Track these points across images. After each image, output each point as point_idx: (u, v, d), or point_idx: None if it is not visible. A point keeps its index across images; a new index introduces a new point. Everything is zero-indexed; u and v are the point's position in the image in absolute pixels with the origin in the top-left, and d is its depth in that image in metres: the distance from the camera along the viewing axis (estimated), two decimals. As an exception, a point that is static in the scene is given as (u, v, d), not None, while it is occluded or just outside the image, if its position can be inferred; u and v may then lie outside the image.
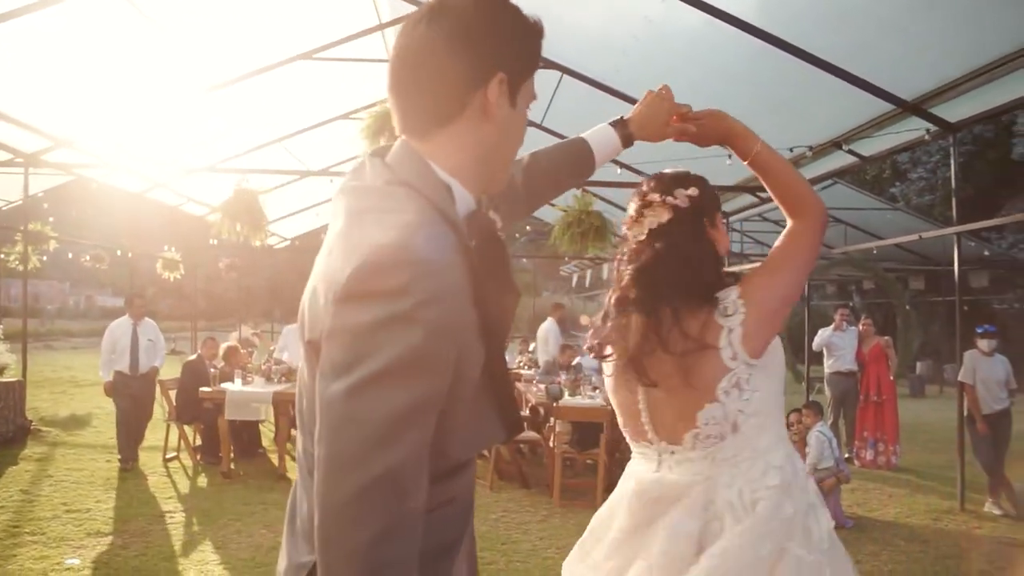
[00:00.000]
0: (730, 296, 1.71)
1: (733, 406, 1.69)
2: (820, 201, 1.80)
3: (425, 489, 1.10)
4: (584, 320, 8.25)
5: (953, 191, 7.92)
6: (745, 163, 1.83)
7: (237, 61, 7.64)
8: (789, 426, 6.87)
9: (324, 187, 12.12)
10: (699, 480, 1.70)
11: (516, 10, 1.25)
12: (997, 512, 6.96)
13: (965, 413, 7.14)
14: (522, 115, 1.27)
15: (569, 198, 10.32)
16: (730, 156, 7.17)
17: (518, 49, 1.23)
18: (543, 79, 8.40)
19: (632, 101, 8.19)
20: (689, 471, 1.72)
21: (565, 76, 8.37)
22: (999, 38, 5.36)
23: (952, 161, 7.08)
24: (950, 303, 17.06)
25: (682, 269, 1.73)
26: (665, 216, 1.80)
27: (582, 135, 1.79)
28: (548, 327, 11.18)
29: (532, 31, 1.25)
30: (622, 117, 1.81)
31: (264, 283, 33.19)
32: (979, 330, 7.43)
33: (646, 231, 1.80)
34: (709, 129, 1.86)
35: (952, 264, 7.41)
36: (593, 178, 9.88)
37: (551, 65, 8.24)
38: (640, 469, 1.81)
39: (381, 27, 7.97)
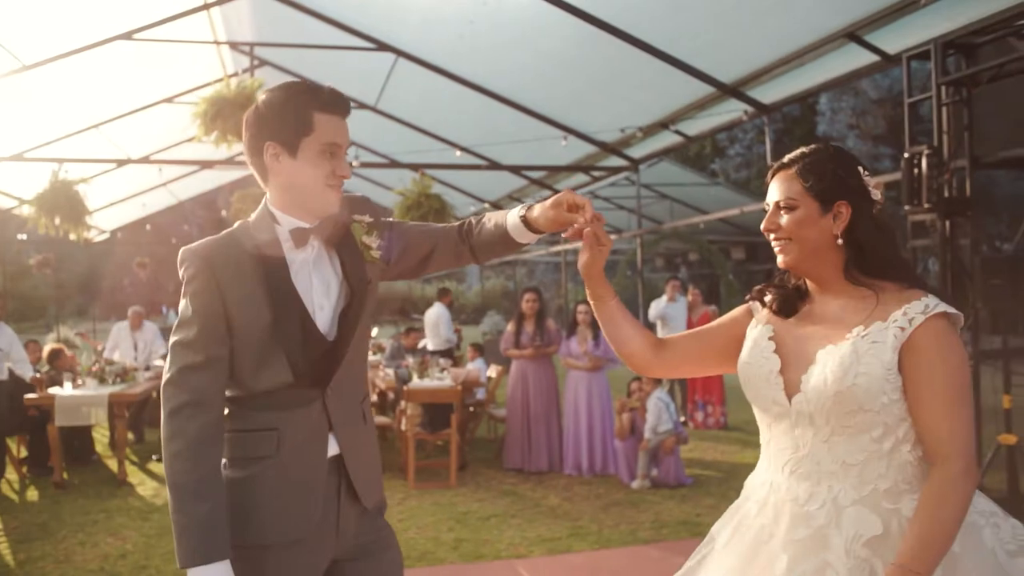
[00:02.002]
0: None
1: None
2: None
3: (204, 390, 1.75)
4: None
5: (769, 167, 8.56)
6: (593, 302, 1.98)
7: (49, 40, 7.08)
8: (630, 393, 7.23)
9: (149, 175, 11.48)
10: None
11: (286, 97, 1.81)
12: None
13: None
14: (309, 162, 1.81)
15: (407, 180, 10.32)
16: (565, 138, 7.41)
17: (280, 123, 1.80)
18: (378, 61, 8.35)
19: (467, 84, 8.36)
20: None
21: (400, 59, 8.34)
22: (804, 28, 5.84)
23: (767, 139, 7.63)
24: (768, 270, 18.40)
25: None
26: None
27: (507, 224, 2.00)
28: (438, 312, 11.07)
29: (298, 104, 1.80)
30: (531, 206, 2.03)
31: (78, 279, 31.02)
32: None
33: None
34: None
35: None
36: (430, 160, 9.95)
37: (385, 48, 8.19)
38: None
39: (207, 7, 7.62)
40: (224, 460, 1.83)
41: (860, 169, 1.77)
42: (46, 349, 8.46)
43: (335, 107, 1.83)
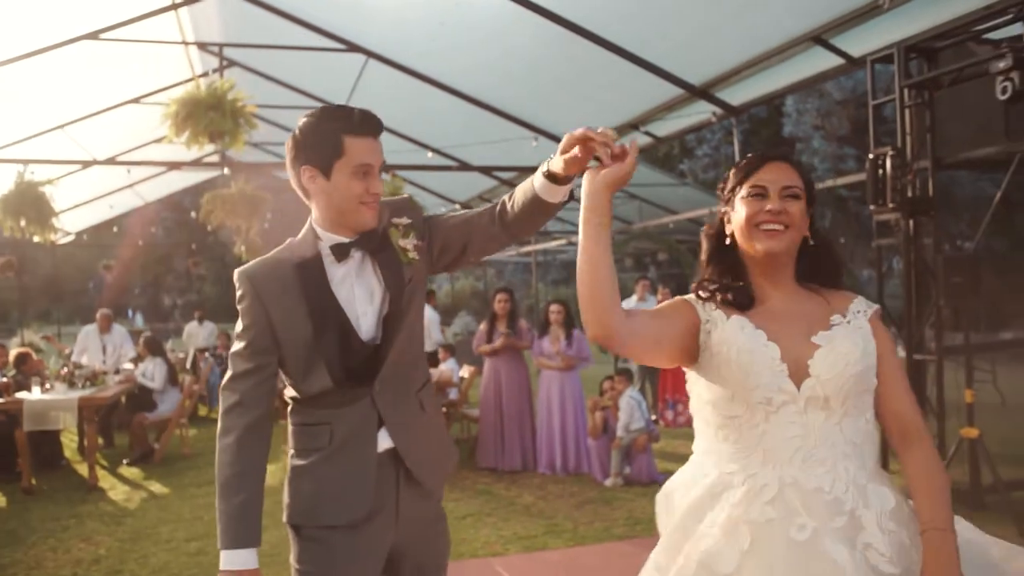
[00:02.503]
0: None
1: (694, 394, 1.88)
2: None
3: (249, 393, 1.96)
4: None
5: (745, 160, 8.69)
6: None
7: (13, 40, 6.99)
8: (602, 392, 7.30)
9: (116, 176, 11.35)
10: None
11: (318, 123, 1.96)
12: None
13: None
14: (344, 182, 1.95)
15: (377, 182, 10.30)
16: (536, 139, 7.44)
17: (314, 148, 1.95)
18: (349, 62, 8.35)
19: (439, 85, 8.37)
20: None
21: (371, 60, 8.33)
22: (771, 31, 5.94)
23: (735, 141, 7.72)
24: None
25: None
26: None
27: (535, 188, 1.98)
28: (429, 315, 10.93)
29: (329, 130, 1.94)
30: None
31: (41, 281, 30.51)
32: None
33: None
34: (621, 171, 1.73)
35: (737, 234, 8.12)
36: (401, 162, 9.96)
37: (355, 49, 8.18)
38: None
39: (175, 7, 7.57)
40: (292, 451, 2.08)
41: None
42: (12, 353, 8.34)
43: (364, 130, 1.97)
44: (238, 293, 2.01)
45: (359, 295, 2.02)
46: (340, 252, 2.01)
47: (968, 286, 5.16)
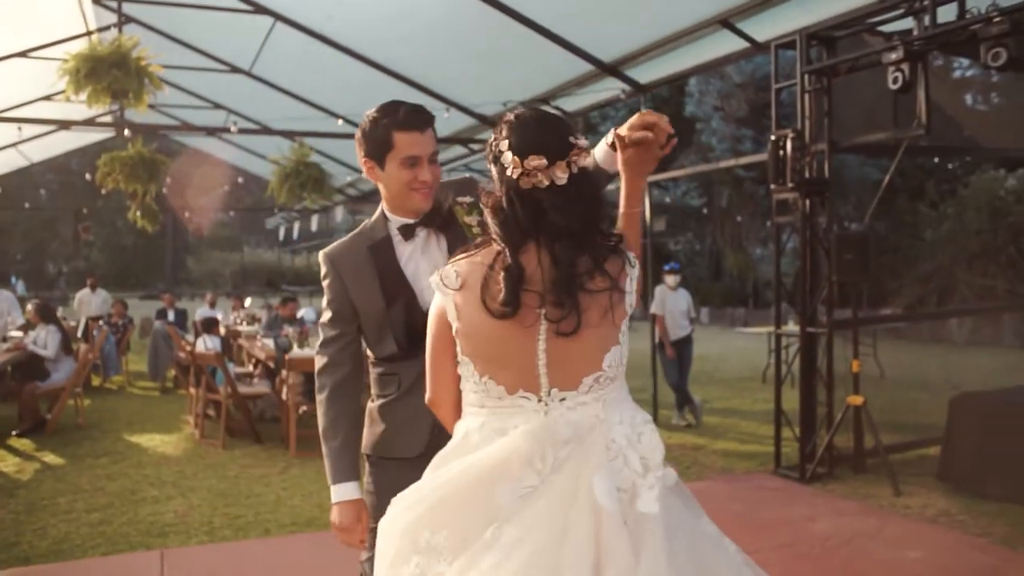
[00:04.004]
0: (629, 254, 1.82)
1: (625, 349, 1.81)
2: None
3: (335, 355, 2.29)
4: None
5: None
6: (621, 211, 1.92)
7: None
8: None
9: (3, 132, 10.71)
10: (596, 423, 1.73)
11: (374, 120, 2.21)
12: (682, 423, 8.10)
13: (656, 341, 8.17)
14: (395, 171, 2.21)
15: (286, 148, 10.12)
16: (447, 110, 7.43)
17: (371, 144, 2.22)
18: (255, 23, 8.14)
19: (349, 52, 8.25)
20: (584, 415, 1.74)
21: (278, 23, 8.14)
22: (680, 13, 6.13)
23: (642, 118, 7.93)
24: (640, 244, 19.03)
25: (601, 213, 1.82)
26: (585, 161, 1.82)
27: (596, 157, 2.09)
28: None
29: (380, 126, 2.19)
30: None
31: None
32: (666, 267, 8.46)
33: (568, 176, 1.77)
34: (643, 155, 1.89)
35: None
36: (310, 128, 9.74)
37: (262, 11, 7.98)
38: (517, 422, 1.75)
39: (69, -44, 7.20)
40: (373, 395, 2.39)
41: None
42: None
43: (411, 126, 2.20)
44: (322, 271, 2.34)
45: (424, 269, 2.29)
46: (407, 232, 2.31)
47: (858, 263, 5.48)
